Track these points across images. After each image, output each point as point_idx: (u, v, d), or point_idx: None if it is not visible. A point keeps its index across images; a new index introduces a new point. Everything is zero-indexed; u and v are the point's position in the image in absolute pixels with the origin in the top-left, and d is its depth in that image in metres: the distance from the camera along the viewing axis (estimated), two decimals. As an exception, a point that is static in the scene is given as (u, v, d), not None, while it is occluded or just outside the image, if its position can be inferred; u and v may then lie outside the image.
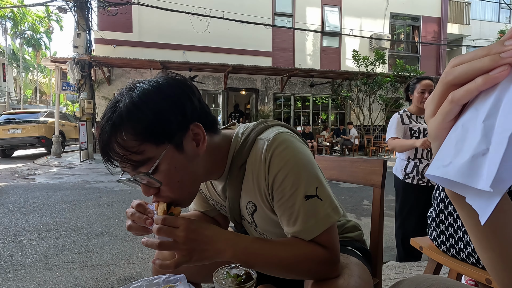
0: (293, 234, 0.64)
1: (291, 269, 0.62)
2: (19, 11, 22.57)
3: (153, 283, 0.73)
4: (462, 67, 0.24)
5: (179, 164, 0.59)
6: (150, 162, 0.57)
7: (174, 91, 0.59)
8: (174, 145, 0.58)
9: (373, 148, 10.43)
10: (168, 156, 0.58)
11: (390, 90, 10.31)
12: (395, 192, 2.29)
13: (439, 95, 0.26)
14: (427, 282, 0.40)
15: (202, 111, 0.63)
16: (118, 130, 0.55)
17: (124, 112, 0.55)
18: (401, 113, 2.20)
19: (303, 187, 0.62)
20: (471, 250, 1.08)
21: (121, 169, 0.61)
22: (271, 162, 0.64)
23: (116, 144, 0.55)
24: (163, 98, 0.58)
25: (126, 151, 0.55)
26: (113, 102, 0.58)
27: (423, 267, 2.07)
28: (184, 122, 0.59)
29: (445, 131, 0.27)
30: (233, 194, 0.72)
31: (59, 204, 3.97)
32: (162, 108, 0.57)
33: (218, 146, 0.68)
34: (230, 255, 0.58)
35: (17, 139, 9.14)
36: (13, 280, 1.99)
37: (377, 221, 0.99)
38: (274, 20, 11.13)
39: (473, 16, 14.79)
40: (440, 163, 0.26)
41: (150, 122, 0.55)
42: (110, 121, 0.56)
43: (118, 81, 9.98)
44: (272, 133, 0.67)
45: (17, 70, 27.29)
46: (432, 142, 0.28)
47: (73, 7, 8.31)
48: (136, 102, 0.56)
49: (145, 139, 0.55)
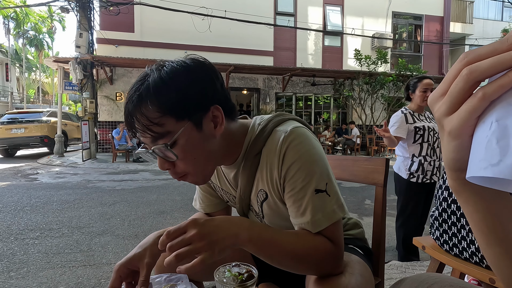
0: (300, 225, 0.66)
1: (301, 259, 0.62)
2: (22, 11, 22.67)
3: (154, 282, 0.72)
4: (489, 62, 0.24)
5: (196, 141, 0.62)
6: (169, 135, 0.60)
7: (199, 73, 0.63)
8: (193, 123, 0.61)
9: (375, 148, 10.40)
10: (187, 132, 0.61)
11: (392, 89, 10.27)
12: (397, 191, 2.28)
13: (462, 92, 0.25)
14: (430, 280, 0.40)
15: (223, 95, 0.66)
16: (144, 101, 0.59)
17: (151, 85, 0.59)
18: (405, 111, 2.19)
19: (314, 181, 0.65)
20: (475, 249, 1.07)
21: (142, 142, 0.64)
22: (286, 154, 0.66)
23: (140, 114, 0.59)
24: (189, 78, 0.61)
25: (148, 121, 0.59)
26: (142, 75, 0.63)
27: (426, 266, 2.06)
28: (205, 102, 0.62)
29: (471, 128, 0.26)
30: (246, 181, 0.74)
31: (62, 203, 3.98)
32: (187, 87, 0.60)
33: (234, 132, 0.71)
34: (246, 238, 0.58)
35: (20, 139, 9.19)
36: (15, 279, 2.00)
37: (380, 220, 0.98)
38: (276, 19, 11.10)
39: (476, 15, 14.71)
40: (486, 163, 0.25)
41: (173, 98, 0.59)
42: (138, 92, 0.60)
43: (120, 80, 10.01)
44: (290, 126, 0.69)
45: (20, 70, 27.42)
46: (454, 140, 0.27)
47: (75, 7, 8.34)
48: (164, 77, 0.60)
49: (166, 113, 0.59)
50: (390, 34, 11.89)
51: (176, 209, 3.80)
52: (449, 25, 13.07)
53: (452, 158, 0.28)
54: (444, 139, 0.28)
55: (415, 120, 2.15)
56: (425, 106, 2.19)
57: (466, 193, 0.29)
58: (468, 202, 0.29)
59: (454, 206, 1.15)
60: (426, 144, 2.13)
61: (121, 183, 5.52)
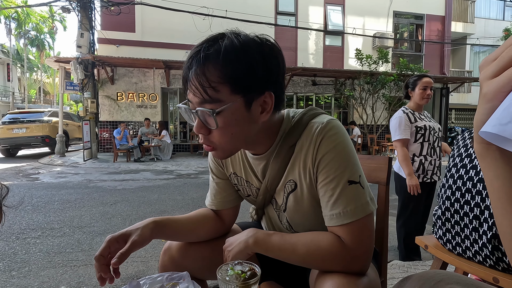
0: (331, 216, 0.65)
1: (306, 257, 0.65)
2: (23, 11, 22.72)
3: (156, 280, 0.72)
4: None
5: (239, 119, 0.63)
6: (218, 103, 0.60)
7: (269, 56, 0.63)
8: (245, 101, 0.62)
9: (376, 147, 10.39)
10: (236, 107, 0.61)
11: (394, 89, 10.24)
12: (397, 191, 2.27)
13: (509, 59, 0.27)
14: (436, 277, 0.39)
15: (280, 86, 0.67)
16: (209, 62, 0.59)
17: (223, 49, 0.59)
18: (406, 111, 2.17)
19: (348, 172, 0.65)
20: (478, 248, 1.07)
21: (188, 99, 0.64)
22: (321, 143, 0.67)
23: (201, 73, 0.59)
24: (259, 56, 0.61)
25: (206, 83, 0.59)
26: (215, 35, 0.62)
27: (428, 266, 2.05)
28: (263, 86, 0.63)
29: (504, 94, 0.27)
30: (276, 172, 0.74)
31: (63, 202, 3.99)
32: (254, 65, 0.60)
33: (272, 123, 0.71)
34: (253, 235, 0.70)
35: (21, 139, 9.21)
36: (17, 278, 2.00)
37: (382, 219, 0.98)
38: (277, 19, 11.10)
39: (478, 14, 14.67)
40: (497, 121, 0.27)
41: (238, 70, 0.59)
42: (207, 51, 0.59)
43: (121, 80, 10.02)
44: (326, 118, 0.71)
45: (21, 70, 27.47)
46: (487, 103, 0.29)
47: (77, 7, 8.35)
48: (236, 47, 0.59)
49: (226, 81, 0.59)
50: (391, 33, 11.87)
51: (177, 209, 3.80)
52: (451, 24, 13.03)
53: (481, 120, 0.29)
54: (479, 101, 0.29)
55: (416, 119, 2.14)
56: (424, 104, 2.18)
57: (488, 158, 0.30)
58: (490, 168, 0.30)
59: (457, 204, 1.14)
60: (426, 143, 2.12)
61: (122, 182, 5.52)
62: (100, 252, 0.65)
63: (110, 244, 0.66)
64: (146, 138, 8.98)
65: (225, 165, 0.85)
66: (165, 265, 0.82)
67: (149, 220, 0.73)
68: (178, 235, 0.79)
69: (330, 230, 0.67)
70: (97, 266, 0.65)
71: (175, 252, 0.81)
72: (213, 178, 0.87)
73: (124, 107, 10.07)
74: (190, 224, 0.81)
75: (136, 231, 0.70)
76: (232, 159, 0.83)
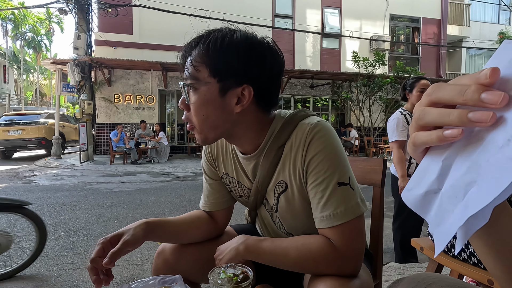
0: (321, 218, 0.65)
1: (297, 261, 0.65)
2: (20, 13, 22.63)
3: (148, 284, 0.71)
4: (433, 116, 0.25)
5: (211, 101, 0.65)
6: (195, 81, 0.65)
7: (253, 50, 0.65)
8: (220, 86, 0.65)
9: (373, 150, 10.41)
10: (209, 89, 0.65)
11: (390, 91, 10.29)
12: (394, 193, 2.26)
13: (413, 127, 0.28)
14: (428, 280, 0.39)
15: (266, 84, 0.68)
16: (198, 46, 0.66)
17: (211, 37, 0.65)
18: (403, 112, 2.17)
19: (338, 173, 0.65)
20: (473, 250, 1.07)
21: (183, 78, 0.70)
22: (310, 144, 0.67)
23: (189, 52, 0.67)
24: (242, 50, 0.64)
25: (190, 61, 0.66)
26: (217, 29, 0.67)
27: (424, 268, 2.05)
28: (241, 78, 0.65)
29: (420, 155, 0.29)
30: (266, 172, 0.74)
31: (58, 205, 3.96)
32: (233, 55, 0.64)
33: (259, 121, 0.72)
34: (243, 242, 0.70)
35: (17, 141, 9.14)
36: (10, 282, 1.98)
37: (377, 221, 0.98)
38: (274, 21, 11.14)
39: (473, 18, 14.79)
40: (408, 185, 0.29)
41: (217, 56, 0.64)
42: (200, 38, 0.66)
43: (118, 82, 9.99)
44: (315, 120, 0.71)
45: (17, 71, 27.34)
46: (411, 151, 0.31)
47: (74, 9, 8.33)
48: (224, 37, 0.65)
49: (205, 63, 0.65)
50: (387, 36, 11.94)
51: (173, 211, 3.78)
52: (446, 27, 13.13)
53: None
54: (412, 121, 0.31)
55: None
56: None
57: None
58: None
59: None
60: None
61: (118, 185, 5.49)
62: (96, 254, 0.65)
63: (104, 246, 0.66)
64: (143, 140, 8.95)
65: (218, 166, 0.85)
66: (158, 268, 0.81)
67: (141, 221, 0.73)
68: (171, 237, 0.79)
69: (321, 232, 0.66)
70: (93, 268, 0.64)
71: (169, 255, 0.81)
72: (206, 179, 0.87)
73: (121, 109, 10.04)
74: (183, 226, 0.80)
75: (128, 231, 0.70)
76: (224, 159, 0.83)
